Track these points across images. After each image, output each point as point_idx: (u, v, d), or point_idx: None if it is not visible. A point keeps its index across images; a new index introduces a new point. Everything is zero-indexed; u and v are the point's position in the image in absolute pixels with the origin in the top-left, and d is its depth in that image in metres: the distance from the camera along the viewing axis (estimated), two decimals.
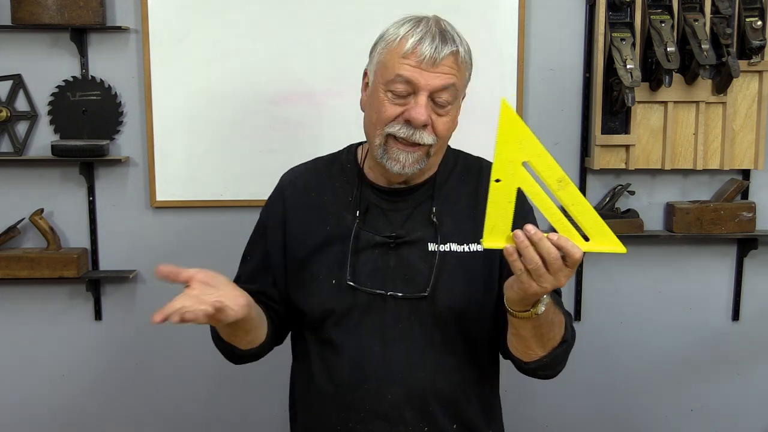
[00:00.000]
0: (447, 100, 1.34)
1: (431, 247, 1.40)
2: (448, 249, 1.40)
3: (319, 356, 1.44)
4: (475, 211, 1.43)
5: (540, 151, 1.12)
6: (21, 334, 2.40)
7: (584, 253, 1.14)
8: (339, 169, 1.49)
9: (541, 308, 1.21)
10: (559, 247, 1.12)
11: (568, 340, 1.34)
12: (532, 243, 1.12)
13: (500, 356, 1.52)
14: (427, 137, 1.34)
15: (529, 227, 1.12)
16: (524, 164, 1.13)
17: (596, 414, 2.54)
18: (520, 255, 1.13)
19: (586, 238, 1.15)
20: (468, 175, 1.47)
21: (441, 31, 1.33)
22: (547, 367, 1.35)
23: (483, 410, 1.47)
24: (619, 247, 1.15)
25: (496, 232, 1.15)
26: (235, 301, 1.24)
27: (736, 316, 2.52)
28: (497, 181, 1.13)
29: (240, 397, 2.46)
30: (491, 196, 1.14)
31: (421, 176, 1.43)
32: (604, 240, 1.14)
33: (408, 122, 1.33)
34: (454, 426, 1.43)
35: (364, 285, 1.39)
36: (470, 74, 1.42)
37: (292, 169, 1.55)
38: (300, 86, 2.30)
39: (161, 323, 1.13)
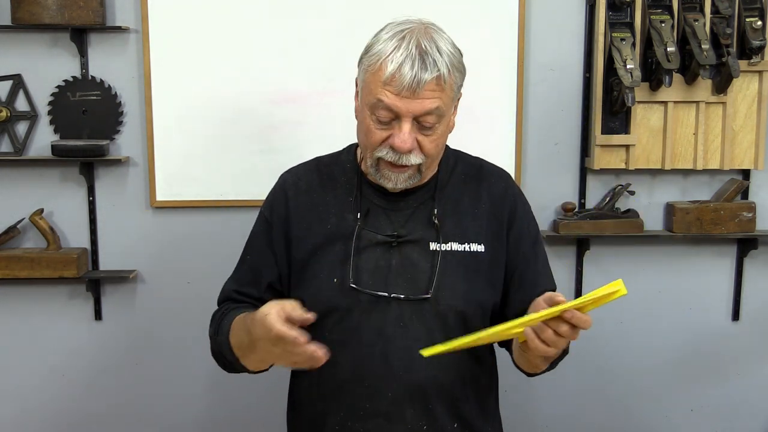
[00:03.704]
0: (432, 122, 1.33)
1: (433, 246, 1.41)
2: (450, 248, 1.41)
3: None
4: (477, 211, 1.45)
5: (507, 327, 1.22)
6: (21, 334, 2.39)
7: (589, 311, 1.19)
8: (340, 170, 1.49)
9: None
10: (572, 324, 1.18)
11: (567, 350, 1.40)
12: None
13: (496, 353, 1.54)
14: (414, 158, 1.35)
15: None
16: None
17: (596, 414, 2.54)
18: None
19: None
20: (469, 176, 1.49)
21: (421, 54, 1.28)
22: (546, 371, 1.45)
23: (482, 408, 1.48)
24: (619, 290, 1.13)
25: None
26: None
27: (736, 316, 2.51)
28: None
29: (240, 397, 2.45)
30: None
31: (420, 180, 1.44)
32: (602, 293, 1.15)
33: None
34: (455, 425, 1.43)
35: (367, 285, 1.39)
36: (460, 81, 1.37)
37: (292, 169, 1.54)
38: (300, 86, 2.30)
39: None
